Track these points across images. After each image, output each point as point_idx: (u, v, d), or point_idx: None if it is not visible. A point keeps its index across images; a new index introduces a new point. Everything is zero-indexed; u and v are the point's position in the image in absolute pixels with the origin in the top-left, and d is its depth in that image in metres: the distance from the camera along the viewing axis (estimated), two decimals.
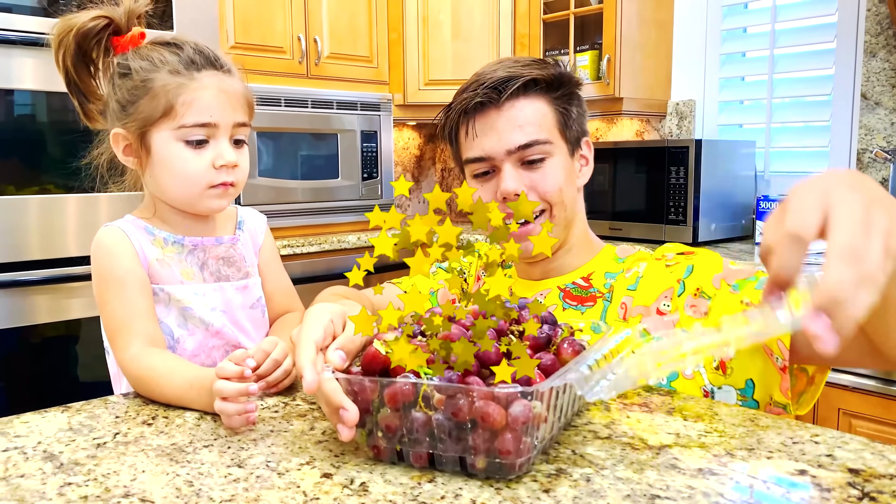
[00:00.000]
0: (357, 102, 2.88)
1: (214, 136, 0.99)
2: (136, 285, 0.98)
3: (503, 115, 1.06)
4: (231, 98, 1.00)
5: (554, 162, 1.07)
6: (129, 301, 0.97)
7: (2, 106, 2.06)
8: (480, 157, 1.08)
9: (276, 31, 2.72)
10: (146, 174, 1.02)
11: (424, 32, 3.05)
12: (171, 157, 0.98)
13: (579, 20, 2.85)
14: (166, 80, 0.96)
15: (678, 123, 2.87)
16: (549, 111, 1.07)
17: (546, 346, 0.72)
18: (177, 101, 0.96)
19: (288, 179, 2.73)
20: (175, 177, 0.99)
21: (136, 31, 1.01)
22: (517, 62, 1.09)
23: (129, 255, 0.99)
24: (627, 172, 2.57)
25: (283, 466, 0.68)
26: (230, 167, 1.00)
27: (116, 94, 0.99)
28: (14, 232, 2.07)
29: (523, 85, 1.05)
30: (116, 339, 0.96)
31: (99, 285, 0.99)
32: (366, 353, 0.69)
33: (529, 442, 0.64)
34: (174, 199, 1.02)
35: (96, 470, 0.68)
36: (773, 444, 0.71)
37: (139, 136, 0.98)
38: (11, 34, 2.03)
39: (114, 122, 1.00)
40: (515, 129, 1.05)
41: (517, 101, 1.06)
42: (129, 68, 0.98)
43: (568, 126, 1.09)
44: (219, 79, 0.99)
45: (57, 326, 2.15)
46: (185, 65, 0.97)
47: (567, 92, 1.09)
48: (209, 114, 0.97)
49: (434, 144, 3.76)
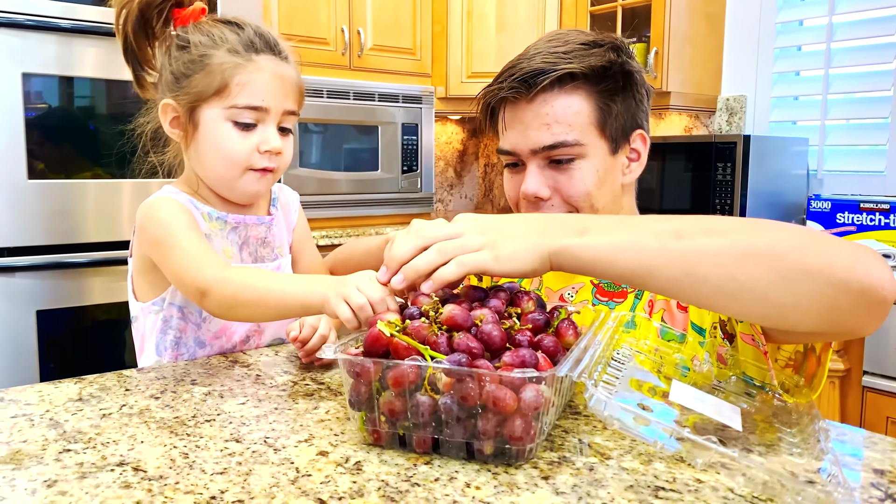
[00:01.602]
0: (399, 95, 2.88)
1: (263, 121, 0.98)
2: (201, 233, 0.96)
3: (532, 109, 0.99)
4: (284, 85, 0.99)
5: (584, 164, 0.99)
6: (198, 239, 0.94)
7: (63, 93, 2.13)
8: (508, 150, 1.03)
9: (320, 23, 2.74)
10: (190, 148, 1.01)
11: (468, 25, 3.03)
12: (218, 134, 0.97)
13: (628, 12, 2.79)
14: (224, 58, 0.96)
15: (728, 119, 2.79)
16: (585, 107, 0.98)
17: (546, 327, 0.69)
18: (232, 81, 0.96)
19: (328, 170, 2.74)
20: (218, 155, 0.98)
21: (197, 6, 1.01)
22: (565, 44, 1.00)
23: (188, 213, 0.98)
24: (673, 169, 2.50)
25: (280, 443, 0.67)
26: (274, 153, 0.99)
27: (172, 66, 0.98)
28: (69, 215, 2.14)
29: (558, 79, 0.97)
30: (193, 266, 0.90)
31: (160, 232, 0.94)
32: (368, 335, 0.67)
33: (538, 427, 0.61)
34: (213, 177, 1.01)
35: (97, 439, 0.68)
36: (796, 440, 0.67)
37: (189, 110, 0.98)
38: (73, 23, 2.08)
39: (165, 93, 1.00)
40: (542, 127, 0.98)
41: (549, 96, 0.98)
42: (189, 42, 0.97)
43: (608, 123, 1.00)
44: (275, 64, 0.99)
45: (108, 309, 2.20)
46: (245, 46, 0.97)
47: (612, 85, 0.99)
48: (262, 97, 0.97)
49: (477, 139, 3.74)
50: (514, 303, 0.73)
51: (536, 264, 0.71)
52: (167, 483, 0.59)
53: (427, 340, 0.65)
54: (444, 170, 3.61)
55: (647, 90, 1.06)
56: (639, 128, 1.04)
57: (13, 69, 2.03)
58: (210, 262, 0.90)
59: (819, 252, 0.67)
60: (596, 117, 0.99)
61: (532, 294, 0.75)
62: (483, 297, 0.74)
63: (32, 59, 2.06)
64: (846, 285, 0.66)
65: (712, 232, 0.70)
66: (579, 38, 1.01)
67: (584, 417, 0.74)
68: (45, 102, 2.11)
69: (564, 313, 0.72)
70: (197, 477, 0.60)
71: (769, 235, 0.69)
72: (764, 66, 2.70)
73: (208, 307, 0.89)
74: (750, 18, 2.71)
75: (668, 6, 2.56)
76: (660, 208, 2.53)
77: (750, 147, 2.31)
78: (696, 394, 0.69)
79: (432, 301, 0.68)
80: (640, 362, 0.76)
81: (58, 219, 2.13)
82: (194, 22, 1.00)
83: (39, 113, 2.09)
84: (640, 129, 1.05)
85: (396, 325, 0.65)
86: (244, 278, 0.87)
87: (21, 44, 2.03)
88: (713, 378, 0.79)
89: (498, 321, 0.66)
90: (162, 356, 1.01)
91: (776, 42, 2.67)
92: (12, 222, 2.06)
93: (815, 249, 0.67)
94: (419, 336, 0.65)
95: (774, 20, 2.66)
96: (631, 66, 1.02)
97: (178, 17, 1.00)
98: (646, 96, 1.06)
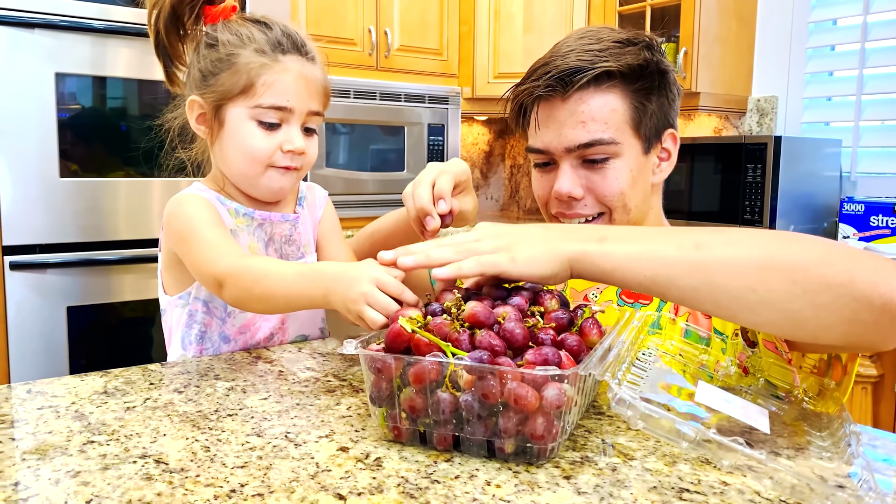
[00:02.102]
0: (425, 95, 2.88)
1: (287, 121, 0.99)
2: (224, 227, 0.97)
3: (567, 107, 0.98)
4: (310, 85, 1.00)
5: (618, 163, 0.98)
6: (221, 231, 0.94)
7: (95, 93, 2.17)
8: (540, 149, 1.02)
9: (348, 24, 2.75)
10: (215, 145, 1.02)
11: (496, 25, 3.02)
12: (242, 133, 0.98)
13: (657, 12, 2.76)
14: (251, 57, 0.97)
15: (759, 120, 2.74)
16: (621, 106, 0.98)
17: (569, 326, 0.68)
18: (257, 81, 0.96)
19: (355, 171, 2.75)
20: (241, 153, 0.99)
21: (228, 3, 1.01)
22: (598, 41, 0.99)
23: (214, 209, 0.99)
24: (703, 170, 2.46)
25: (301, 438, 0.67)
26: (297, 153, 0.99)
27: (200, 63, 0.99)
28: (100, 213, 2.18)
29: (594, 78, 0.96)
30: (212, 256, 0.90)
31: (185, 226, 0.95)
32: (390, 330, 0.67)
33: (560, 426, 0.61)
34: (236, 175, 1.02)
35: (120, 431, 0.68)
36: (825, 444, 0.65)
37: (214, 108, 0.99)
38: (106, 24, 2.12)
39: (192, 90, 1.01)
40: (578, 125, 0.97)
41: (585, 94, 0.97)
42: (217, 40, 0.98)
43: (643, 122, 0.99)
44: (301, 64, 0.99)
45: (135, 307, 2.24)
46: (272, 46, 0.98)
47: (647, 84, 0.99)
48: (286, 98, 0.97)
49: (504, 140, 3.73)
50: (537, 301, 0.72)
51: (556, 269, 0.71)
52: (188, 476, 0.59)
53: (449, 337, 0.64)
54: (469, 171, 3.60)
55: (677, 89, 1.05)
56: (670, 127, 1.04)
57: (47, 69, 2.07)
58: (228, 251, 0.90)
59: (841, 266, 0.65)
60: (631, 116, 0.98)
61: (555, 293, 0.74)
62: (505, 296, 0.74)
63: (66, 59, 2.09)
64: (868, 300, 0.64)
65: (733, 243, 0.69)
66: (612, 36, 1.00)
67: (607, 418, 0.73)
68: (78, 103, 2.15)
69: (588, 312, 0.71)
70: (218, 470, 0.60)
71: (790, 248, 0.67)
72: (796, 67, 2.66)
73: (226, 297, 0.89)
74: (782, 18, 2.67)
75: (698, 5, 2.53)
76: (688, 210, 2.50)
77: (781, 148, 2.27)
78: (723, 395, 0.68)
79: (454, 297, 0.68)
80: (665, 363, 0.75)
81: (89, 217, 2.16)
82: (224, 20, 1.00)
83: (72, 113, 2.13)
84: (671, 129, 1.04)
85: (418, 322, 0.65)
86: (261, 268, 0.86)
87: (55, 44, 2.07)
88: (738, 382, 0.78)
89: (520, 319, 0.66)
90: (187, 350, 1.02)
91: (809, 42, 2.63)
92: (45, 220, 2.10)
93: (838, 263, 0.66)
94: (441, 333, 0.64)
95: (807, 19, 2.62)
96: (664, 64, 1.01)
97: (209, 14, 1.01)
98: (677, 95, 1.05)
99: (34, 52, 2.04)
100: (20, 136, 2.04)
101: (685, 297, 0.69)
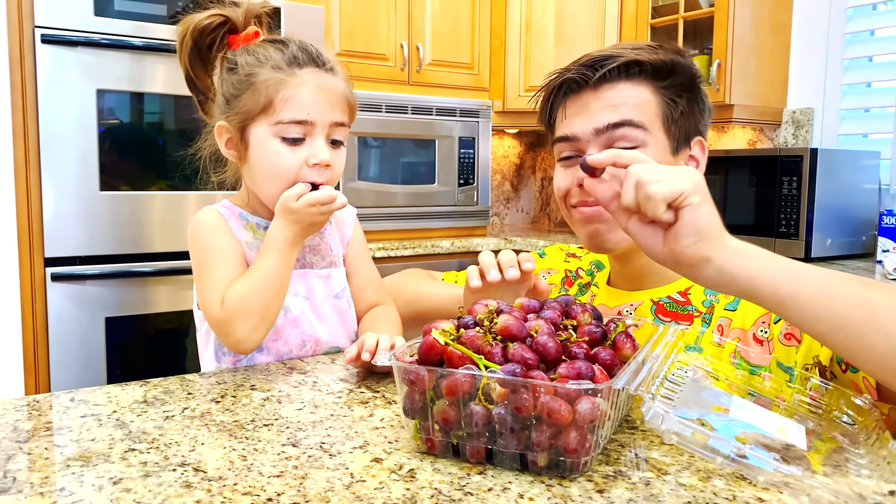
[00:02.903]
0: (456, 109, 2.90)
1: (310, 135, 0.99)
2: (236, 257, 1.01)
3: (598, 95, 0.97)
4: (331, 96, 1.00)
5: (646, 153, 0.95)
6: (229, 267, 0.99)
7: (133, 108, 2.23)
8: (567, 136, 1.00)
9: (380, 39, 2.79)
10: (244, 168, 1.04)
11: (527, 38, 3.04)
12: (267, 152, 0.99)
13: (690, 24, 2.75)
14: (268, 75, 0.98)
15: (794, 133, 2.71)
16: (652, 98, 0.97)
17: (602, 340, 0.68)
18: (276, 97, 0.98)
19: (386, 183, 2.78)
20: (268, 171, 1.00)
21: (251, 30, 1.03)
22: (629, 44, 1.00)
23: (227, 232, 1.02)
24: (737, 183, 2.44)
25: (335, 449, 0.68)
26: (323, 166, 1.00)
27: (223, 88, 1.02)
28: (137, 226, 2.23)
29: (625, 66, 0.96)
30: (213, 295, 0.97)
31: (200, 254, 1.01)
32: (423, 343, 0.67)
33: (593, 440, 0.61)
34: (266, 195, 1.03)
35: (160, 440, 0.70)
36: (864, 462, 0.64)
37: (240, 130, 1.01)
38: (145, 41, 2.18)
39: (218, 116, 1.03)
40: (608, 108, 0.96)
41: (616, 84, 0.97)
42: (236, 63, 1.01)
43: (674, 120, 0.98)
44: (319, 76, 1.00)
45: (169, 318, 2.28)
46: (288, 61, 0.99)
47: (678, 83, 0.98)
48: (306, 111, 0.98)
49: (535, 153, 3.73)
50: (570, 315, 0.72)
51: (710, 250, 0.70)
52: (226, 484, 0.60)
53: (481, 350, 0.65)
54: (500, 183, 3.61)
55: (708, 106, 1.04)
56: (699, 134, 1.02)
57: (89, 86, 2.13)
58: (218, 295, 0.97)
59: None
60: (662, 111, 0.98)
61: (588, 306, 0.74)
62: (538, 309, 0.74)
63: (107, 75, 2.15)
64: None
65: (866, 283, 0.68)
66: (645, 42, 1.02)
67: (640, 432, 0.72)
68: (117, 118, 2.20)
69: (622, 326, 0.71)
70: (255, 479, 0.61)
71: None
72: (833, 78, 2.62)
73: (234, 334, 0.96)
74: (818, 29, 2.64)
75: (731, 17, 2.51)
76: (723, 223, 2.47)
77: (817, 161, 2.23)
78: (759, 410, 0.67)
79: (487, 310, 0.68)
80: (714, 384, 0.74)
81: (127, 229, 2.21)
82: (244, 45, 1.03)
83: (112, 128, 2.19)
84: (700, 136, 1.02)
85: (451, 334, 0.65)
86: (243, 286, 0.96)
87: (96, 61, 2.13)
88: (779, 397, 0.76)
89: (553, 332, 0.66)
90: (221, 361, 1.04)
91: (846, 53, 2.59)
92: (85, 232, 2.15)
93: None
94: (473, 345, 0.65)
95: (844, 30, 2.58)
96: (695, 72, 1.01)
97: (233, 42, 1.03)
98: (707, 107, 1.04)
99: (77, 69, 2.11)
100: (63, 151, 2.10)
101: (835, 328, 0.67)
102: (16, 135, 2.07)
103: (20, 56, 2.06)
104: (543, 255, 1.27)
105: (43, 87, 2.07)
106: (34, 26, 2.05)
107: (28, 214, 2.10)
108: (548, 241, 2.78)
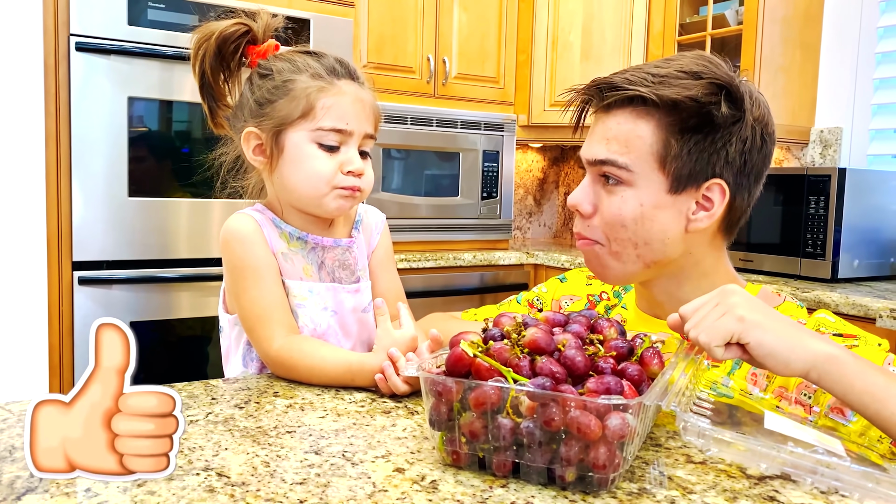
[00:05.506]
0: (481, 122, 2.91)
1: (346, 143, 1.01)
2: (272, 274, 1.01)
3: (604, 121, 0.95)
4: (365, 108, 1.03)
5: (628, 192, 0.91)
6: (267, 290, 1.00)
7: (162, 116, 2.26)
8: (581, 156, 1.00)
9: (408, 52, 2.80)
10: (274, 174, 1.04)
11: (553, 53, 3.04)
12: (304, 155, 1.00)
13: (717, 42, 2.73)
14: (308, 82, 1.00)
15: (821, 152, 2.68)
16: (650, 136, 0.90)
17: (629, 355, 0.68)
18: (317, 104, 1.00)
19: (410, 195, 2.79)
20: (305, 175, 1.01)
21: (270, 43, 1.06)
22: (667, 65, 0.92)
23: (262, 243, 1.02)
24: (762, 202, 2.39)
25: (358, 458, 0.68)
26: (357, 174, 1.02)
27: (255, 94, 1.03)
28: (163, 232, 2.26)
29: (630, 99, 0.91)
30: (258, 330, 0.99)
31: (234, 273, 1.02)
32: (451, 354, 0.67)
33: (622, 456, 0.60)
34: (300, 197, 1.03)
35: (184, 444, 0.70)
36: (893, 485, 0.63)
37: (273, 135, 1.02)
38: (175, 50, 2.21)
39: (247, 121, 1.04)
40: (603, 140, 0.93)
41: (622, 113, 0.92)
42: (271, 69, 1.02)
43: (670, 159, 0.90)
44: (355, 88, 1.03)
45: (192, 325, 2.30)
46: (327, 71, 1.01)
47: (685, 120, 0.89)
48: (346, 121, 1.00)
49: (558, 167, 3.72)
50: (596, 329, 0.72)
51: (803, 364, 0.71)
52: (249, 489, 0.60)
53: (509, 363, 0.64)
54: (523, 197, 3.60)
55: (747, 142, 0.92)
56: (716, 178, 0.91)
57: (121, 93, 2.16)
58: (272, 327, 0.99)
59: None
60: (658, 149, 0.90)
61: (614, 321, 0.74)
62: (564, 323, 0.73)
63: (138, 83, 2.19)
64: None
65: None
66: (686, 66, 0.92)
67: (664, 450, 0.71)
68: (145, 125, 2.24)
69: (648, 342, 0.71)
70: (277, 485, 0.61)
71: None
72: (862, 97, 2.59)
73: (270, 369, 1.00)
74: (848, 48, 2.61)
75: (759, 34, 2.50)
76: (747, 242, 2.45)
77: (846, 181, 2.21)
78: (792, 423, 0.66)
79: (514, 323, 0.68)
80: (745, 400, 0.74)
81: (153, 235, 2.24)
82: (273, 54, 1.04)
83: (141, 135, 2.22)
84: (717, 180, 0.91)
85: (479, 346, 0.65)
86: (306, 360, 0.95)
87: (128, 70, 2.17)
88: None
89: (581, 346, 0.65)
90: (247, 367, 1.04)
91: (876, 72, 2.56)
92: (113, 237, 2.18)
93: None
94: (501, 358, 0.65)
95: (874, 50, 2.55)
96: (721, 109, 0.89)
97: (253, 53, 1.05)
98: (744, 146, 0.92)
99: (109, 77, 2.14)
100: (94, 157, 2.13)
101: None
102: (48, 140, 2.11)
103: (55, 63, 2.10)
104: (564, 279, 1.24)
105: (76, 93, 2.10)
106: (69, 34, 2.09)
107: (58, 218, 2.13)
108: (569, 256, 2.76)
